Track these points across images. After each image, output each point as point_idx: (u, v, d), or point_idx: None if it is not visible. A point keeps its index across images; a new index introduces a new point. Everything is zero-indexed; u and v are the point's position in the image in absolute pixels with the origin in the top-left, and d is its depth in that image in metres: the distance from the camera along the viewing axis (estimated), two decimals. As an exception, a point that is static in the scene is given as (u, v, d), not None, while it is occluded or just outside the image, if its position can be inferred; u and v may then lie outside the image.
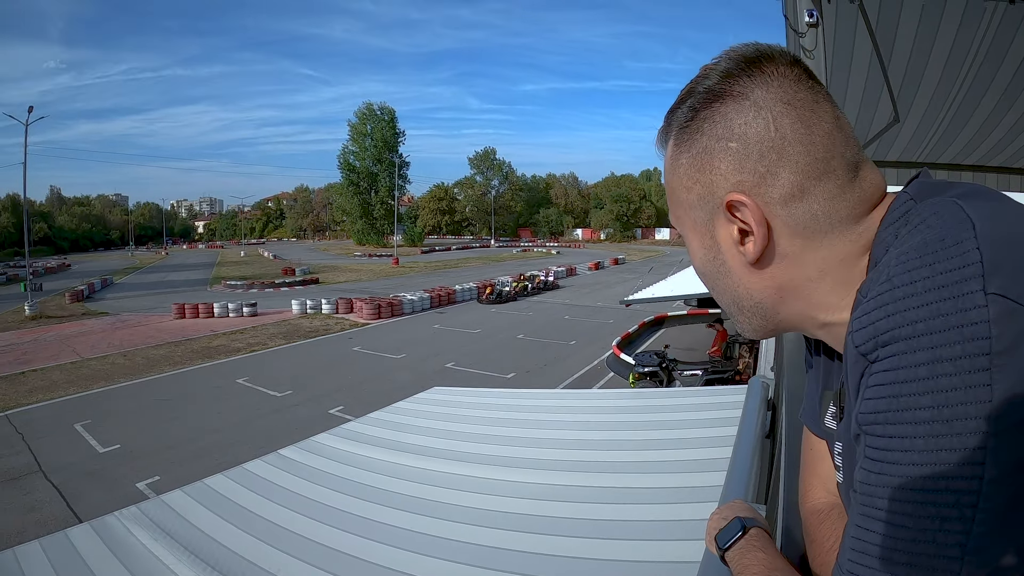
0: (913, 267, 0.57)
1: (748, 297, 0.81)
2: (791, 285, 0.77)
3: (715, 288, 0.86)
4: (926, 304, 0.54)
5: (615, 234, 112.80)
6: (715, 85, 0.76)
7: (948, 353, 0.52)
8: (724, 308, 0.87)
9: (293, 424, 15.03)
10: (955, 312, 0.52)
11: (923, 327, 0.54)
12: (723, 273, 0.82)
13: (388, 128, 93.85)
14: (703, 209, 0.80)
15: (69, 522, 10.13)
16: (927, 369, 0.53)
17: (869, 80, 3.57)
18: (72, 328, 31.04)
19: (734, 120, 0.75)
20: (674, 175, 0.83)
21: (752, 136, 0.74)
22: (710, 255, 0.83)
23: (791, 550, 1.10)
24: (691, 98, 0.79)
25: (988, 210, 0.59)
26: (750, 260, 0.77)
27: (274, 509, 3.41)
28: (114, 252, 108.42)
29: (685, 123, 0.79)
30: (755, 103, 0.74)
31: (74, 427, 15.76)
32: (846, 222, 0.73)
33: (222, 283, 49.52)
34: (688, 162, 0.80)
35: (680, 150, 0.81)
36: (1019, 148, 4.43)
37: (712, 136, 0.76)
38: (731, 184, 0.75)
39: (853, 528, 0.60)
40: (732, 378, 15.33)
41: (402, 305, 33.91)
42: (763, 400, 2.84)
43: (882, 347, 0.57)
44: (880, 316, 0.57)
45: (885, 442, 0.56)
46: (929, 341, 0.53)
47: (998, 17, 2.73)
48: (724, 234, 0.79)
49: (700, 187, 0.79)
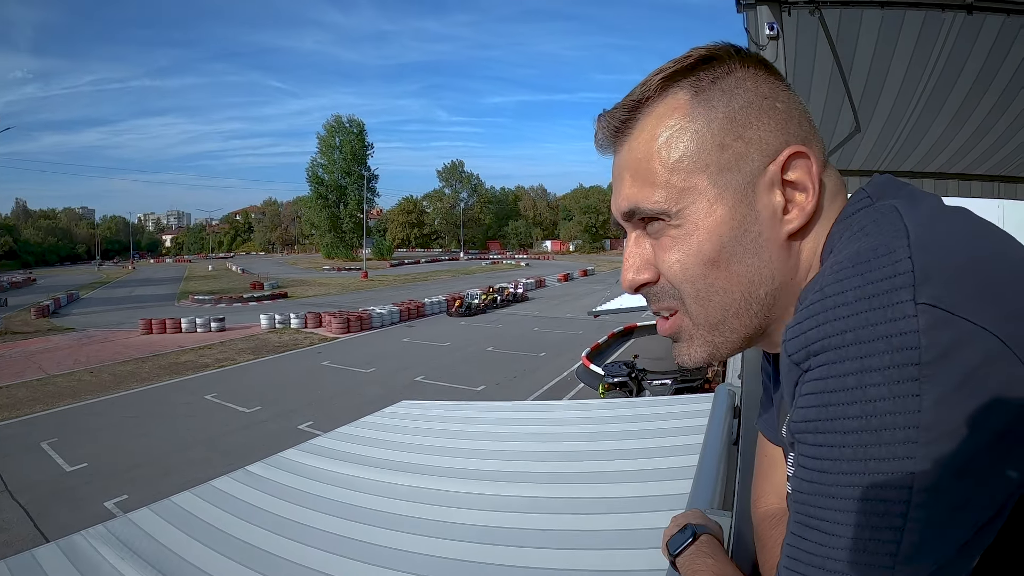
0: (845, 276, 0.57)
1: (769, 281, 0.73)
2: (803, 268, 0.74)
3: (723, 283, 0.74)
4: (856, 314, 0.54)
5: (584, 245, 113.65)
6: (744, 55, 0.76)
7: (877, 363, 0.51)
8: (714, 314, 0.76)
9: (262, 440, 14.95)
10: (884, 322, 0.52)
11: (852, 336, 0.53)
12: (749, 253, 0.73)
13: (357, 141, 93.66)
14: (740, 171, 0.72)
15: (36, 542, 10.03)
16: (856, 379, 0.52)
17: (830, 91, 3.62)
18: (37, 344, 30.71)
19: (775, 86, 0.75)
20: (697, 133, 0.72)
21: (791, 103, 0.74)
22: (740, 230, 0.72)
23: (743, 556, 1.11)
24: (720, 60, 0.74)
25: (926, 218, 0.59)
26: (795, 227, 0.72)
27: (241, 526, 3.40)
28: (80, 266, 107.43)
29: (717, 78, 0.73)
30: (780, 80, 0.76)
31: (40, 445, 15.61)
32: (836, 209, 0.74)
33: (190, 298, 49.24)
34: (727, 116, 0.72)
35: (711, 105, 0.73)
36: (979, 156, 4.52)
37: (759, 94, 0.73)
38: (780, 142, 0.72)
39: (789, 535, 0.60)
40: (702, 387, 15.43)
41: (371, 319, 33.86)
42: (729, 407, 2.84)
43: (813, 356, 0.56)
44: (811, 325, 0.57)
45: (816, 451, 0.56)
46: (858, 351, 0.53)
47: (956, 27, 2.78)
48: (766, 200, 0.72)
49: (742, 144, 0.72)
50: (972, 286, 0.52)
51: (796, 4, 2.77)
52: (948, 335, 0.50)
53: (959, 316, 0.50)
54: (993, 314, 0.51)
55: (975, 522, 0.52)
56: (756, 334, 0.77)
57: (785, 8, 2.80)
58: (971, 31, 2.83)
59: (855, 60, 3.29)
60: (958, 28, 2.81)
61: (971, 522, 0.52)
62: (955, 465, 0.50)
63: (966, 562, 0.55)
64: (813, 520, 0.56)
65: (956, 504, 0.51)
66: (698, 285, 0.74)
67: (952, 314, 0.50)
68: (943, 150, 4.49)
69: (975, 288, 0.52)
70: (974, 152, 4.46)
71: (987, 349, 0.50)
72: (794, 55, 3.23)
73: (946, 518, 0.51)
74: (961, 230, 0.59)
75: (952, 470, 0.50)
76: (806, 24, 2.94)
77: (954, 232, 0.58)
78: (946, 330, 0.50)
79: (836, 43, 3.09)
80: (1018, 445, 0.50)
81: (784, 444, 0.91)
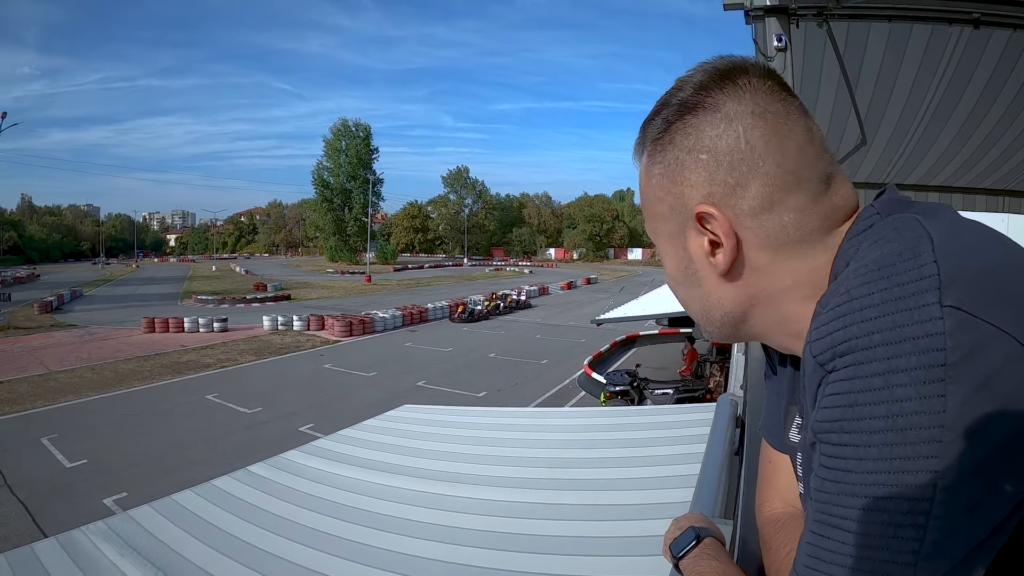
0: (871, 280, 0.58)
1: (719, 307, 0.81)
2: (762, 295, 0.77)
3: (686, 298, 0.86)
4: (883, 316, 0.55)
5: (588, 254, 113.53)
6: (688, 97, 0.76)
7: (903, 364, 0.53)
8: (693, 316, 0.87)
9: (262, 441, 14.88)
10: (911, 324, 0.53)
11: (879, 338, 0.54)
12: (694, 283, 0.82)
13: (363, 145, 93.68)
14: (674, 220, 0.80)
15: (35, 537, 9.85)
16: (882, 379, 0.54)
17: (837, 103, 3.63)
18: (40, 340, 30.65)
19: (705, 132, 0.75)
20: (648, 187, 0.83)
21: (722, 148, 0.74)
22: (682, 265, 0.82)
23: (749, 561, 1.11)
24: (665, 110, 0.79)
25: (947, 226, 0.61)
26: (720, 271, 0.77)
27: (242, 526, 3.40)
28: (84, 263, 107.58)
29: (658, 135, 0.79)
30: (726, 115, 0.74)
31: (41, 441, 15.54)
32: (817, 233, 0.74)
33: (193, 298, 49.07)
34: (660, 173, 0.80)
35: (653, 161, 0.81)
36: (983, 169, 4.52)
37: (683, 148, 0.76)
38: (701, 196, 0.76)
39: (809, 534, 0.60)
40: (703, 396, 15.37)
41: (374, 323, 33.76)
42: (732, 417, 2.85)
43: (839, 357, 0.57)
44: (838, 327, 0.58)
45: (840, 450, 0.57)
46: (885, 352, 0.54)
47: (963, 42, 2.79)
48: (695, 245, 0.79)
49: (672, 198, 0.79)
50: (993, 291, 0.54)
51: (804, 16, 2.77)
52: (972, 337, 0.52)
53: (982, 319, 0.52)
54: (1013, 318, 0.53)
55: (993, 521, 0.53)
56: (735, 336, 0.86)
57: (794, 20, 2.80)
58: (978, 45, 2.84)
59: (862, 72, 3.30)
60: (965, 42, 2.82)
61: (989, 521, 0.53)
62: (977, 464, 0.51)
63: (982, 560, 0.56)
64: (835, 519, 0.57)
65: (976, 502, 0.52)
66: (676, 295, 0.89)
67: (976, 317, 0.52)
68: (948, 163, 4.49)
69: (996, 293, 0.54)
70: (979, 166, 4.46)
71: (1009, 351, 0.52)
72: (802, 67, 3.23)
73: (966, 516, 0.52)
74: (979, 239, 0.61)
75: (974, 469, 0.51)
76: (814, 36, 2.94)
77: (974, 240, 0.60)
78: (970, 332, 0.52)
79: (843, 55, 3.10)
80: None
81: (789, 449, 0.93)
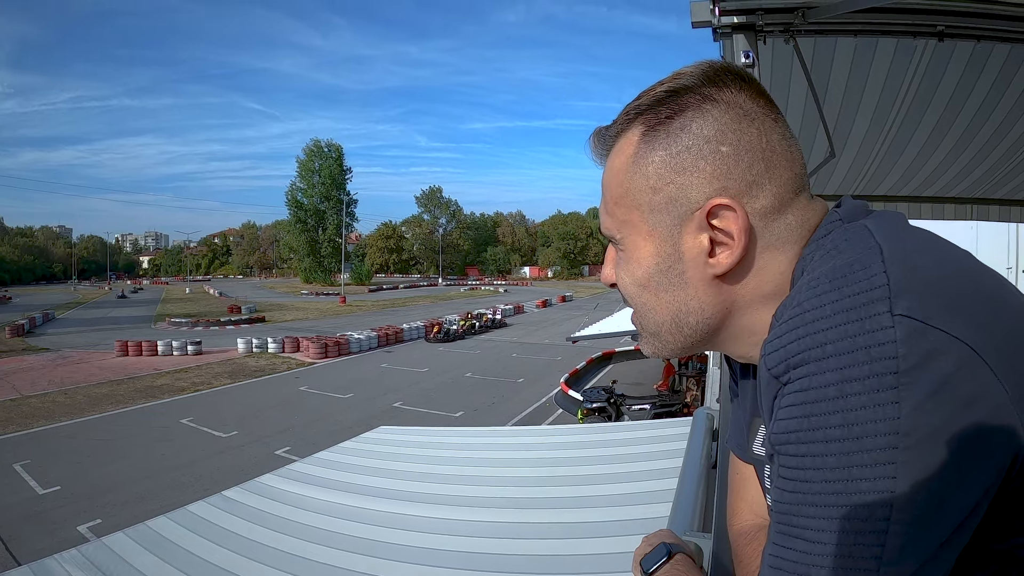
0: (822, 291, 0.59)
1: (698, 312, 0.77)
2: (742, 301, 0.75)
3: (655, 304, 0.79)
4: (835, 327, 0.56)
5: (562, 272, 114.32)
6: (705, 87, 0.74)
7: (857, 373, 0.53)
8: (650, 326, 0.82)
9: (239, 465, 14.81)
10: (863, 333, 0.54)
11: (832, 348, 0.55)
12: (674, 286, 0.77)
13: (336, 165, 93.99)
14: (669, 213, 0.75)
15: (7, 565, 9.84)
16: (837, 389, 0.54)
17: (805, 117, 3.67)
18: (11, 364, 30.25)
19: (728, 125, 0.73)
20: (635, 174, 0.76)
21: (744, 143, 0.72)
22: (664, 265, 0.76)
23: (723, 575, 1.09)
24: (677, 95, 0.75)
25: (897, 236, 0.62)
26: (719, 272, 0.74)
27: (217, 552, 3.37)
28: (56, 286, 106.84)
29: (666, 118, 0.74)
30: (747, 113, 0.73)
31: (13, 467, 15.32)
32: (804, 238, 0.74)
33: (166, 320, 48.86)
34: (663, 160, 0.74)
35: (652, 146, 0.75)
36: (951, 178, 4.59)
37: (701, 136, 0.73)
38: (714, 189, 0.72)
39: (771, 546, 0.60)
40: (680, 411, 15.49)
41: (349, 344, 33.68)
42: (708, 431, 2.85)
43: (793, 369, 0.58)
44: (791, 339, 0.58)
45: (798, 460, 0.57)
46: (838, 362, 0.54)
47: (928, 54, 2.83)
48: (692, 243, 0.74)
49: (673, 188, 0.74)
50: (943, 298, 0.55)
51: (771, 32, 2.80)
52: (924, 344, 0.52)
53: (933, 326, 0.53)
54: (963, 324, 0.54)
55: (954, 522, 0.54)
56: (698, 346, 0.81)
57: (761, 36, 2.83)
58: (942, 57, 2.88)
59: (829, 87, 3.34)
60: (930, 55, 2.86)
61: (950, 522, 0.54)
62: (934, 468, 0.51)
63: (946, 560, 0.56)
64: (796, 529, 0.57)
65: (936, 505, 0.52)
66: (635, 301, 0.82)
67: (927, 324, 0.53)
68: (916, 174, 4.56)
69: (946, 300, 0.55)
70: (947, 175, 4.53)
71: (960, 357, 0.52)
72: (770, 83, 3.26)
73: (927, 519, 0.52)
74: (928, 247, 0.62)
75: (931, 473, 0.51)
76: (781, 52, 2.97)
77: (921, 248, 0.61)
78: (922, 340, 0.52)
79: (811, 70, 3.13)
80: (990, 447, 0.53)
81: (755, 460, 0.93)
